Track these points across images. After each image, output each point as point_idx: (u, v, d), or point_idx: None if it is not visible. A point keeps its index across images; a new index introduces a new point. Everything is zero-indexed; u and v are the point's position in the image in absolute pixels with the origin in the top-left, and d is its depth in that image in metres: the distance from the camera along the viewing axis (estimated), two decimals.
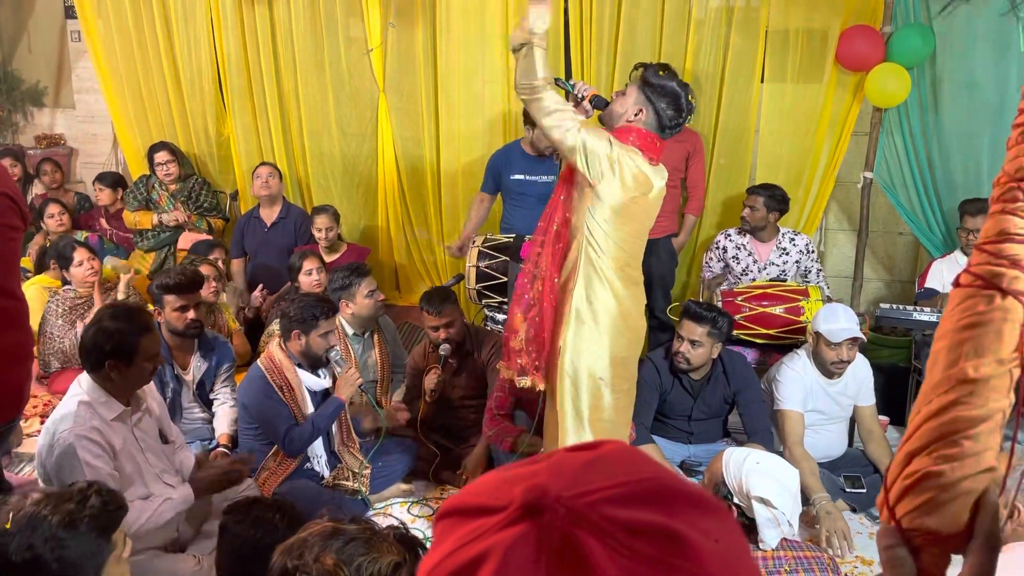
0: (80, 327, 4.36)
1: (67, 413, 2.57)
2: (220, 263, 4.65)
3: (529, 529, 0.53)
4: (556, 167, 4.32)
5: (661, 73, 2.73)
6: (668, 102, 2.69)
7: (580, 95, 2.79)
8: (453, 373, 4.01)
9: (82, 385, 2.67)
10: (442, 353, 3.88)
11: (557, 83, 2.86)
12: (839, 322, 3.51)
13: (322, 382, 3.55)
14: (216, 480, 2.92)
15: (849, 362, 3.55)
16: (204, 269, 4.28)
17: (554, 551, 0.52)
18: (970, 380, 0.90)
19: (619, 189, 2.62)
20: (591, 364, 2.73)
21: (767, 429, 3.68)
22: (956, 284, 0.97)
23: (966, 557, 0.89)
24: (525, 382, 2.86)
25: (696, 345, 3.57)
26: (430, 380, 3.92)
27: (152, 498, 2.68)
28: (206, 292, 4.34)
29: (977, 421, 0.89)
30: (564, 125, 2.60)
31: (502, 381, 3.68)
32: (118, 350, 2.61)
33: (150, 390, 2.87)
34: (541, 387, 2.84)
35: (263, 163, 5.35)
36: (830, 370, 3.58)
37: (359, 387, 3.55)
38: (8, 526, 1.61)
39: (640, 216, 2.72)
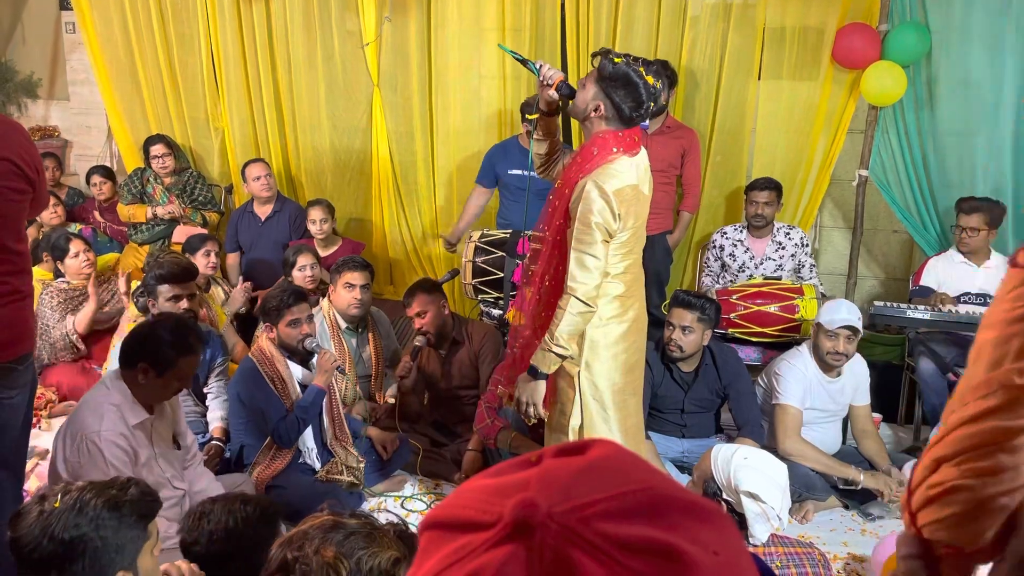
0: (71, 320, 4.34)
1: (99, 414, 2.57)
2: (214, 256, 4.63)
3: (519, 549, 0.50)
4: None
5: (617, 60, 2.55)
6: (625, 93, 2.54)
7: (547, 81, 2.68)
8: (441, 363, 4.01)
9: (110, 385, 2.66)
10: (416, 343, 3.93)
11: (525, 65, 2.79)
12: (840, 312, 3.55)
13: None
14: None
15: (846, 356, 3.56)
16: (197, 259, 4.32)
17: (546, 572, 0.50)
18: (1014, 387, 0.79)
19: (627, 223, 2.63)
20: (612, 379, 2.74)
21: (758, 422, 3.70)
22: (1013, 263, 0.85)
23: None
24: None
25: (687, 331, 3.61)
26: (400, 367, 3.96)
27: None
28: (204, 267, 4.37)
29: (1017, 433, 0.78)
30: (604, 262, 2.59)
31: (496, 377, 3.68)
32: (154, 357, 2.61)
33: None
34: (544, 415, 2.83)
35: (254, 161, 5.25)
36: (827, 362, 3.59)
37: (337, 370, 3.54)
38: (57, 504, 1.70)
39: (642, 215, 2.72)
